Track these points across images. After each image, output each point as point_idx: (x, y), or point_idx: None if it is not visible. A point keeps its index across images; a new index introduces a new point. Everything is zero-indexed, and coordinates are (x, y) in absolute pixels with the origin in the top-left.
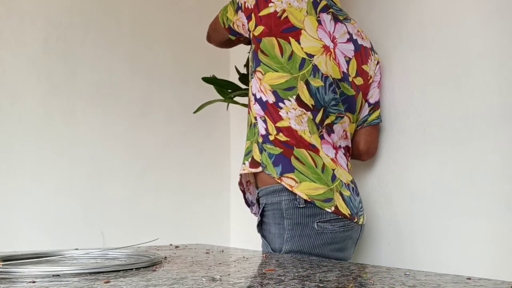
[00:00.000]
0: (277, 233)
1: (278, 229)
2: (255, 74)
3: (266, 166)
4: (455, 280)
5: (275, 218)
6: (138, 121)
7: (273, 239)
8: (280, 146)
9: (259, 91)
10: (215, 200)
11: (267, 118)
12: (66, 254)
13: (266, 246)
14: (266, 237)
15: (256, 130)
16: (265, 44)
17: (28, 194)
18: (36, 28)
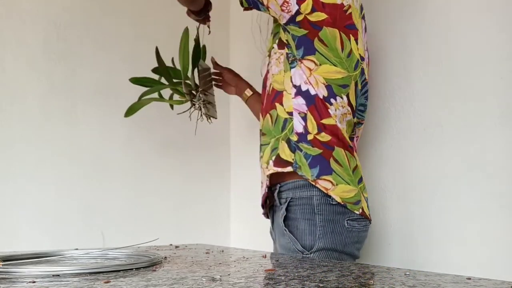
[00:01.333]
0: (307, 230)
1: (309, 225)
2: (303, 63)
3: (300, 167)
4: (455, 280)
5: (304, 214)
6: (138, 120)
7: (303, 236)
8: (320, 147)
9: (307, 83)
10: (215, 200)
11: (310, 115)
12: (66, 254)
13: (294, 242)
14: (294, 233)
15: (289, 127)
16: (327, 34)
17: (28, 194)
18: (36, 28)
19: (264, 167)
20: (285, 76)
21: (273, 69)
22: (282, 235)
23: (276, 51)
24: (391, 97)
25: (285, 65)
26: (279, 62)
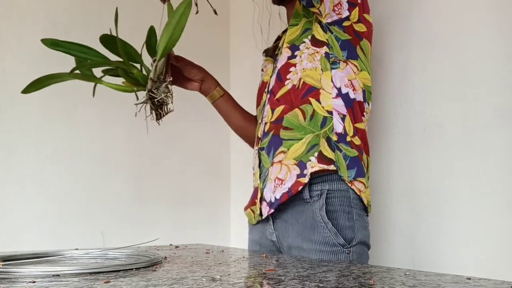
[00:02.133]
0: (347, 223)
1: (348, 219)
2: (348, 64)
3: (339, 168)
4: (455, 280)
5: (343, 206)
6: (138, 120)
7: (344, 229)
8: (356, 149)
9: (347, 86)
10: (215, 200)
11: (348, 117)
12: (66, 254)
13: (335, 236)
14: (336, 226)
15: (329, 125)
16: (366, 45)
17: (28, 194)
18: (36, 28)
19: (292, 163)
20: (323, 74)
21: (304, 64)
22: (314, 230)
23: (308, 46)
24: (391, 97)
25: (323, 64)
26: (313, 58)
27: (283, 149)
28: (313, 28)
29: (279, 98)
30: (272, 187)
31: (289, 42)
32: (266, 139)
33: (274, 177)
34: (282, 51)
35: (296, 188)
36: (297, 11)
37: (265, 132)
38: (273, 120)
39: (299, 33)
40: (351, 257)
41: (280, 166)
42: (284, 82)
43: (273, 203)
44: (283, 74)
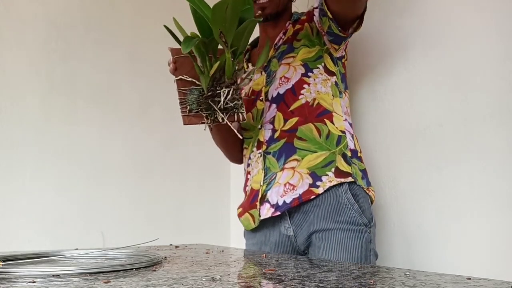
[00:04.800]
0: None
1: (366, 202)
2: (346, 94)
3: (357, 179)
4: (455, 280)
5: (361, 191)
6: (138, 121)
7: (365, 210)
8: (363, 163)
9: (346, 113)
10: (215, 200)
11: (354, 136)
12: (66, 254)
13: (360, 216)
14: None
15: (344, 143)
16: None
17: (28, 194)
18: (36, 28)
19: (305, 172)
20: (334, 100)
21: (318, 87)
22: (340, 211)
23: (322, 73)
24: (391, 97)
25: (334, 91)
26: (326, 84)
27: (296, 157)
28: (324, 57)
29: (293, 110)
30: (281, 191)
31: (303, 60)
32: (275, 144)
33: (285, 182)
34: (291, 68)
35: (307, 196)
36: (309, 35)
37: (274, 138)
38: (285, 129)
39: (312, 57)
40: (371, 236)
41: (293, 172)
42: (298, 97)
43: (280, 206)
44: (297, 89)
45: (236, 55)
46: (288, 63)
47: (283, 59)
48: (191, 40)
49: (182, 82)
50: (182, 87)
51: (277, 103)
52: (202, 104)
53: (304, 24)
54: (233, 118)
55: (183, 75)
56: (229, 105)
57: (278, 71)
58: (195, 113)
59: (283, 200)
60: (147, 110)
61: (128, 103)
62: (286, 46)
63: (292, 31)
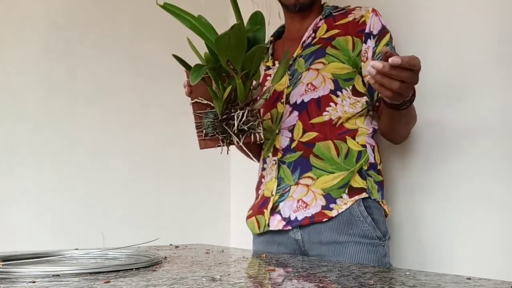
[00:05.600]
0: (380, 219)
1: (380, 215)
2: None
3: (372, 192)
4: (455, 280)
5: (375, 203)
6: (138, 121)
7: (379, 223)
8: (381, 175)
9: (375, 124)
10: (215, 200)
11: (376, 147)
12: (66, 254)
13: (373, 229)
14: (373, 220)
15: (364, 158)
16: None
17: (28, 194)
18: (36, 28)
19: (319, 192)
20: (362, 118)
21: (346, 108)
22: (352, 224)
23: (350, 96)
24: None
25: (363, 110)
26: (355, 105)
27: (311, 175)
28: (355, 79)
29: (315, 124)
30: (293, 206)
31: (334, 74)
32: (290, 155)
33: (298, 198)
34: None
35: (320, 218)
36: (348, 51)
37: (291, 148)
38: (303, 141)
39: (343, 75)
40: (385, 250)
41: (307, 190)
42: (322, 112)
43: (292, 221)
44: (323, 103)
45: (249, 77)
46: (317, 70)
47: (312, 64)
48: (200, 70)
49: (198, 105)
50: (198, 110)
51: (299, 111)
52: (218, 127)
53: (347, 35)
54: (250, 139)
55: (198, 97)
56: (244, 127)
57: (305, 75)
58: (211, 136)
59: (295, 216)
60: (147, 110)
61: (128, 103)
62: (316, 48)
63: (325, 30)
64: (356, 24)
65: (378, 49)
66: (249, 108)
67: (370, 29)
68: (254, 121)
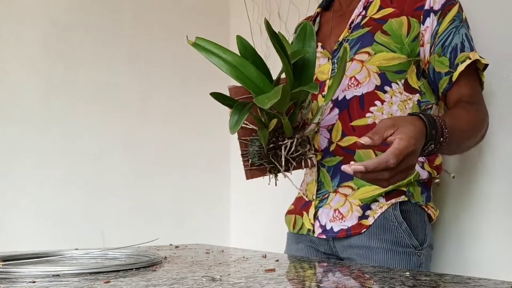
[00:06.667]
0: (419, 225)
1: (420, 221)
2: (438, 105)
3: (413, 194)
4: (455, 280)
5: (415, 207)
6: (138, 120)
7: (416, 230)
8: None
9: None
10: (215, 200)
11: (426, 162)
12: (66, 254)
13: (409, 237)
14: (409, 226)
15: (412, 176)
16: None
17: (28, 194)
18: (36, 28)
19: (356, 203)
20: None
21: (393, 108)
22: (386, 229)
23: (401, 91)
24: None
25: (414, 111)
26: (404, 106)
27: (352, 185)
28: (408, 71)
29: (356, 127)
30: (330, 216)
31: (381, 67)
32: (330, 158)
33: (335, 207)
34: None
35: (357, 231)
36: (401, 36)
37: (330, 151)
38: (342, 145)
39: (393, 67)
40: (421, 260)
41: (345, 200)
42: (365, 113)
43: (328, 231)
44: (367, 102)
45: (298, 105)
46: (361, 61)
47: (357, 53)
48: (240, 114)
49: (243, 131)
50: (243, 136)
51: (340, 108)
52: (264, 157)
53: (401, 15)
54: (301, 165)
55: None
56: (293, 155)
57: (348, 66)
58: (257, 166)
59: (331, 226)
60: (147, 110)
61: (128, 103)
62: (364, 32)
63: (377, 7)
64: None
65: (441, 28)
66: (298, 136)
67: (430, 4)
68: (303, 149)
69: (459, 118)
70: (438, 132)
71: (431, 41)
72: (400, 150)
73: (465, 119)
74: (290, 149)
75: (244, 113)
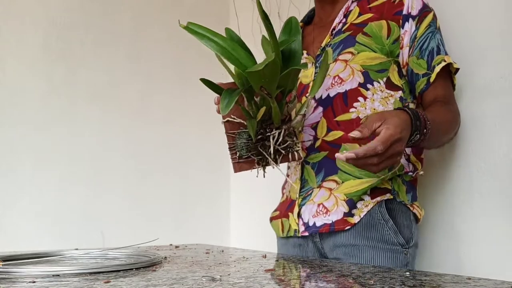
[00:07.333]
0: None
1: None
2: (414, 104)
3: (398, 193)
4: (455, 280)
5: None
6: (138, 121)
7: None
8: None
9: None
10: (215, 200)
11: (411, 156)
12: (66, 254)
13: (395, 234)
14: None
15: (396, 168)
16: None
17: (28, 194)
18: (36, 28)
19: (342, 198)
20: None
21: (375, 104)
22: (372, 227)
23: (382, 89)
24: None
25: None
26: (386, 102)
27: (336, 179)
28: (390, 70)
29: (340, 122)
30: (313, 211)
31: (364, 66)
32: (314, 155)
33: (319, 202)
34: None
35: (341, 227)
36: (382, 38)
37: (315, 148)
38: (328, 140)
39: (375, 66)
40: (408, 259)
41: (329, 194)
42: (349, 109)
43: (310, 227)
44: (350, 98)
45: (285, 95)
46: (345, 61)
47: (340, 54)
48: (230, 96)
49: (230, 124)
50: (230, 130)
51: (324, 106)
52: (252, 149)
53: (381, 19)
54: (288, 158)
55: (230, 116)
56: (281, 146)
57: (332, 67)
58: (245, 159)
59: (314, 221)
60: (147, 110)
61: (128, 103)
62: (346, 36)
63: (357, 14)
64: (392, 5)
65: (419, 32)
66: (286, 127)
67: (408, 10)
68: (291, 140)
69: (438, 114)
70: (422, 123)
71: (410, 44)
72: (387, 138)
73: (443, 116)
74: (278, 139)
75: (234, 96)
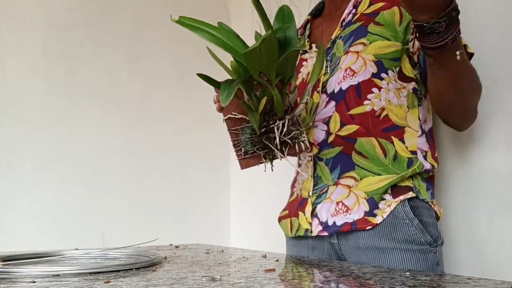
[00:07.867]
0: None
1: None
2: (427, 98)
3: (419, 191)
4: (455, 280)
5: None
6: (138, 120)
7: (429, 226)
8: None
9: (425, 122)
10: (215, 200)
11: (429, 152)
12: (66, 254)
13: (422, 233)
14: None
15: (417, 164)
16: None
17: (28, 194)
18: (36, 28)
19: (363, 196)
20: (409, 112)
21: (390, 95)
22: (396, 227)
23: (395, 79)
24: None
25: (410, 101)
26: (399, 94)
27: (354, 176)
28: (402, 59)
29: (354, 116)
30: (332, 210)
31: (377, 55)
32: (328, 150)
33: (338, 200)
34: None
35: (362, 226)
36: (394, 25)
37: (328, 143)
38: (342, 135)
39: (388, 54)
40: (438, 257)
41: (349, 192)
42: (363, 101)
43: (329, 226)
44: (364, 90)
45: (285, 83)
46: (357, 52)
47: (351, 45)
48: (230, 87)
49: (232, 121)
50: (233, 127)
51: (336, 100)
52: (257, 143)
53: (393, 6)
54: (294, 150)
55: (231, 112)
56: (287, 138)
57: (343, 59)
58: (251, 154)
59: (333, 220)
60: (147, 110)
61: (128, 103)
62: (357, 26)
63: (367, 3)
64: None
65: None
66: (289, 116)
67: None
68: (296, 130)
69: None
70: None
71: None
72: None
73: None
74: (282, 130)
75: (234, 86)
